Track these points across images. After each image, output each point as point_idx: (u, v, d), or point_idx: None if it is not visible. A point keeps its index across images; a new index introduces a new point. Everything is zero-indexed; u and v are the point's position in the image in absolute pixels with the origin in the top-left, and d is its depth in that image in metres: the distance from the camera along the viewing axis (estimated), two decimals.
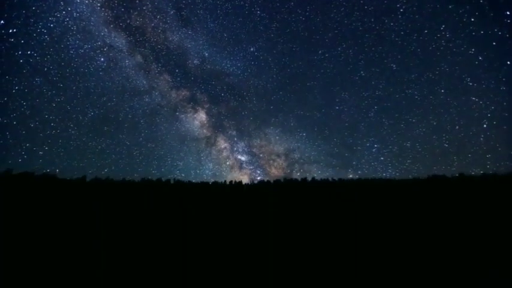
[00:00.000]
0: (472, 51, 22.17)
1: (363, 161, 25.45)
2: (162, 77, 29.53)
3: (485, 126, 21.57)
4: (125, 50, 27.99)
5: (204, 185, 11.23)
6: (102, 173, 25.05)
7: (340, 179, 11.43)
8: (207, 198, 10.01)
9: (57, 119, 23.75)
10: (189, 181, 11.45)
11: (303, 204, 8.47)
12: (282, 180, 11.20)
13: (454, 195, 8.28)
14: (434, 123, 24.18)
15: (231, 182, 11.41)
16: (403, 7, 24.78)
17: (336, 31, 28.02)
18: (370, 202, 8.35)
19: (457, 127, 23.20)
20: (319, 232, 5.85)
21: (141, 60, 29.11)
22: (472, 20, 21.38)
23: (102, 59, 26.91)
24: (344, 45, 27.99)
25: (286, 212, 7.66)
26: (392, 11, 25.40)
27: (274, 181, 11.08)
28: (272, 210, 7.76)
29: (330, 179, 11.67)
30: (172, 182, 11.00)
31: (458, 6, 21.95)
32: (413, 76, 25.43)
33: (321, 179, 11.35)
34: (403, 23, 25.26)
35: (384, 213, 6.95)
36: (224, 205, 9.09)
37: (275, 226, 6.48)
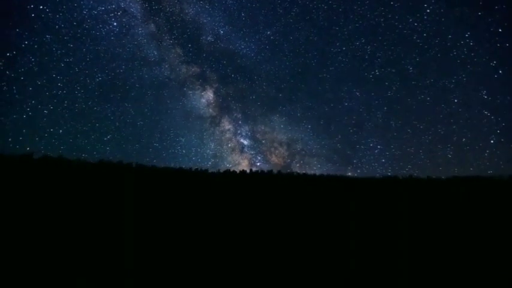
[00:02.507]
0: (493, 63, 20.61)
1: (364, 160, 24.39)
2: (173, 50, 27.63)
3: (492, 142, 20.33)
4: (139, 17, 26.02)
5: (169, 171, 10.94)
6: (105, 139, 24.75)
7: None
8: (172, 186, 9.79)
9: (64, 80, 23.02)
10: (152, 166, 11.07)
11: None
12: (248, 172, 11.25)
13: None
14: (442, 132, 22.86)
15: (196, 169, 11.26)
16: (431, 7, 22.72)
17: (357, 25, 25.94)
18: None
19: (463, 139, 21.83)
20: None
21: (154, 30, 27.05)
22: (500, 30, 19.91)
23: (115, 24, 25.09)
24: (363, 41, 25.97)
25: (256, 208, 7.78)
26: (419, 10, 23.22)
27: (240, 172, 11.10)
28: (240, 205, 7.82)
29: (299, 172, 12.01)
30: (134, 165, 10.56)
31: (487, 14, 20.22)
32: (428, 82, 23.76)
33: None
34: (428, 25, 23.24)
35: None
36: (191, 196, 8.98)
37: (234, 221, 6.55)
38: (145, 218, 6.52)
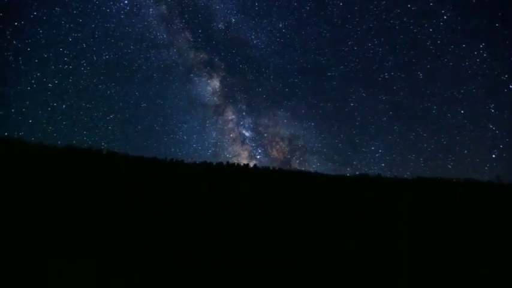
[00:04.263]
0: (504, 77, 20.04)
1: (364, 163, 24.49)
2: (183, 34, 26.76)
3: (494, 156, 20.10)
4: None
5: (140, 159, 10.55)
6: (107, 118, 23.69)
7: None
8: (143, 176, 9.46)
9: (71, 55, 22.39)
10: (126, 153, 10.62)
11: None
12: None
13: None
14: (444, 142, 22.51)
15: (171, 159, 10.96)
16: (448, 14, 21.56)
17: (371, 25, 25.07)
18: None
19: (465, 151, 21.55)
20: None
21: (165, 12, 26.04)
22: None
23: (126, 1, 24.07)
24: (375, 42, 25.09)
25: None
26: (435, 16, 22.02)
27: (217, 164, 10.98)
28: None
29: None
30: (104, 152, 10.05)
31: (505, 27, 19.39)
32: (436, 90, 23.24)
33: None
34: (443, 31, 22.12)
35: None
36: (162, 186, 8.73)
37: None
38: (111, 209, 6.26)
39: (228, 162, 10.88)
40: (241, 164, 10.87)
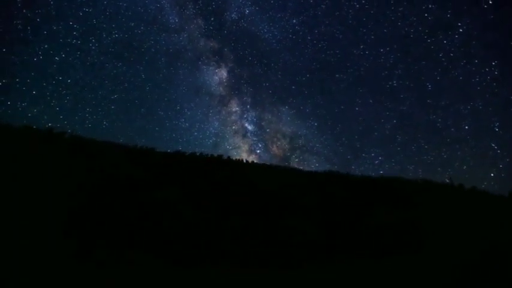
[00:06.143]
0: None
1: (362, 168, 23.95)
2: (195, 21, 25.35)
3: (492, 175, 19.94)
4: None
5: (110, 145, 10.03)
6: (112, 98, 23.97)
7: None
8: (107, 163, 9.03)
9: (80, 30, 21.83)
10: (91, 138, 10.01)
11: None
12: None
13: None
14: (445, 156, 22.16)
15: (141, 147, 10.56)
16: (464, 27, 21.02)
17: (385, 30, 24.41)
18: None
19: (465, 167, 21.18)
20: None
21: None
22: None
23: None
24: (388, 48, 24.31)
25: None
26: (451, 27, 21.37)
27: (190, 154, 10.77)
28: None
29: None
30: (67, 136, 9.36)
31: None
32: (443, 103, 22.71)
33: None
34: (457, 44, 21.39)
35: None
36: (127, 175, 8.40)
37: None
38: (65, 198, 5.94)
39: (201, 153, 10.74)
40: (215, 155, 10.80)
